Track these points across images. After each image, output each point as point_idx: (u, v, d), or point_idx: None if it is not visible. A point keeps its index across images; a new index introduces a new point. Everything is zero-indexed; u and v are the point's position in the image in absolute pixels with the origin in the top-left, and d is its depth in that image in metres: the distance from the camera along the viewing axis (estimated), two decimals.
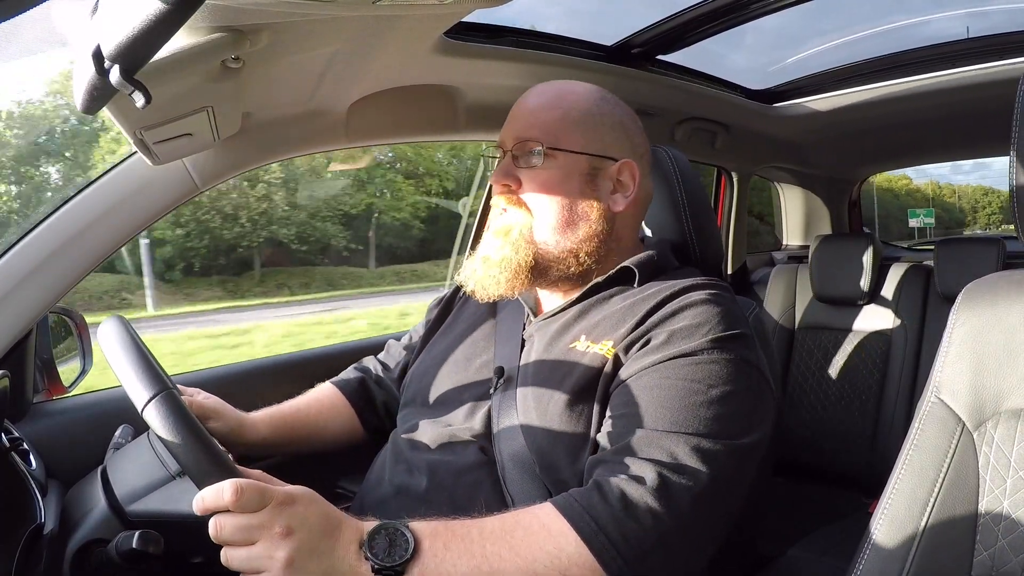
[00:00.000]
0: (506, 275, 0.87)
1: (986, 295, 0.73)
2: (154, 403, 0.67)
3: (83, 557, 0.75)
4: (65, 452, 1.01)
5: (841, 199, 2.49)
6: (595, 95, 0.91)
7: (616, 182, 0.89)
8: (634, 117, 0.94)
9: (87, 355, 1.15)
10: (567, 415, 0.78)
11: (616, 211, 0.89)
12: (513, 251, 0.87)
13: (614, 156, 0.89)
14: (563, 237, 0.87)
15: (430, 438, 0.87)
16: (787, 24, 1.51)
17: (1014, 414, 0.68)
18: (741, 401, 0.75)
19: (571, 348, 0.83)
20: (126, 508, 0.76)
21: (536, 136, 0.87)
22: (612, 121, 0.90)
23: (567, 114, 0.88)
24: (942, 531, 0.68)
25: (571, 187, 0.87)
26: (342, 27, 0.83)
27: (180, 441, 0.66)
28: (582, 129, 0.88)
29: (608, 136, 0.89)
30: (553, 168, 0.87)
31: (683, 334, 0.77)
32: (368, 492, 0.91)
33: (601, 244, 0.88)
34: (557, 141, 0.87)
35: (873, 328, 1.82)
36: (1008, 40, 1.45)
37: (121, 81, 0.50)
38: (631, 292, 0.87)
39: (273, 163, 1.16)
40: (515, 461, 0.80)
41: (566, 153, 0.87)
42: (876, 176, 3.13)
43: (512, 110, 0.92)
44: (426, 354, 1.02)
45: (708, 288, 0.83)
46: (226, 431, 0.94)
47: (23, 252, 0.93)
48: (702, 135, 1.78)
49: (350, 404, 1.09)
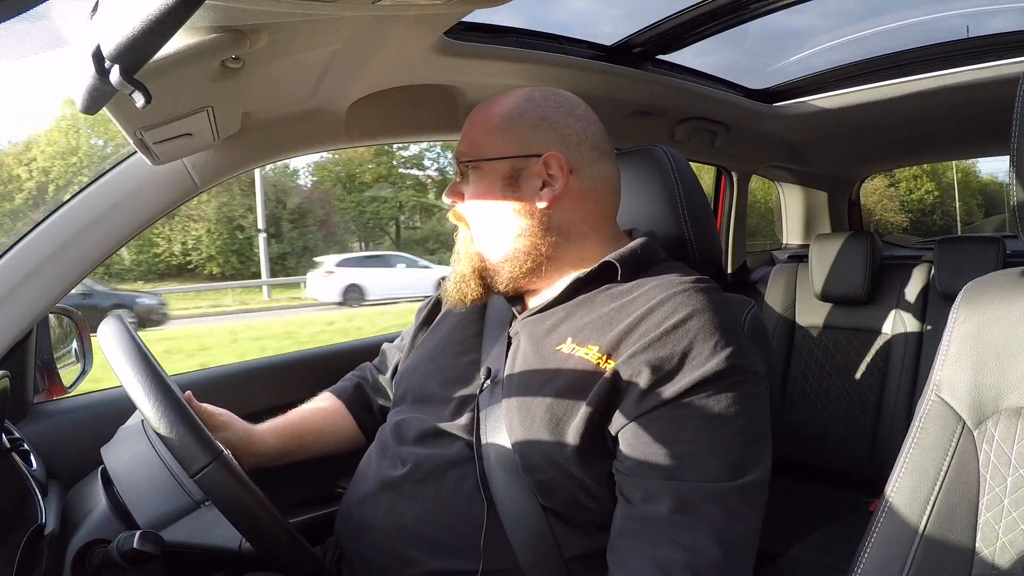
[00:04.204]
0: (459, 286, 0.92)
1: (986, 294, 0.73)
2: (211, 469, 0.72)
3: (84, 557, 0.76)
4: (65, 452, 1.01)
5: (841, 198, 2.50)
6: (519, 98, 0.90)
7: (547, 176, 0.87)
8: (568, 109, 0.90)
9: (87, 355, 1.15)
10: (549, 417, 0.78)
11: (545, 206, 0.87)
12: (464, 264, 0.92)
13: (537, 152, 0.86)
14: (498, 243, 0.89)
15: (416, 433, 0.88)
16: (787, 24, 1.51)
17: (1015, 412, 0.68)
18: (759, 420, 0.77)
19: (557, 350, 0.82)
20: (159, 533, 0.77)
21: (465, 152, 0.90)
22: (533, 118, 0.88)
23: (487, 123, 0.89)
24: (943, 530, 0.68)
25: (495, 194, 0.88)
26: (342, 27, 0.83)
27: (239, 507, 0.72)
28: (501, 134, 0.88)
29: (528, 134, 0.87)
30: (478, 179, 0.89)
31: (682, 361, 0.75)
32: (354, 487, 0.92)
33: (539, 241, 0.87)
34: (480, 152, 0.89)
35: (873, 327, 1.82)
36: (1008, 40, 1.45)
37: (121, 81, 0.50)
38: (616, 291, 0.85)
39: (273, 163, 1.16)
40: (499, 459, 0.80)
41: (488, 162, 0.88)
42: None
43: None
44: (416, 352, 1.02)
45: (695, 291, 0.81)
46: (235, 441, 0.95)
47: (23, 252, 0.93)
48: (702, 135, 1.78)
49: (348, 410, 1.11)
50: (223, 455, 0.73)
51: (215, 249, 17.94)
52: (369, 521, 0.85)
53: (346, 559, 0.89)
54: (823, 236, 1.97)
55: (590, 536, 0.78)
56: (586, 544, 0.79)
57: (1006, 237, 1.88)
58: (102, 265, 0.98)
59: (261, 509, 0.74)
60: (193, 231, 17.86)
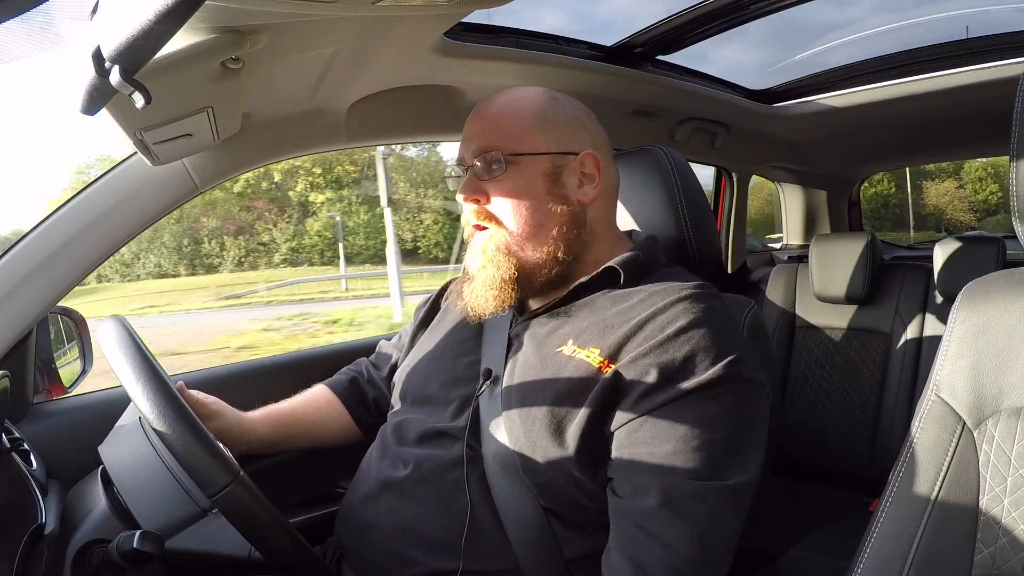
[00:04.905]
0: (493, 292, 0.86)
1: (986, 294, 0.73)
2: (230, 490, 0.72)
3: (84, 557, 0.76)
4: (65, 452, 1.01)
5: (841, 199, 2.50)
6: (545, 95, 0.91)
7: (581, 175, 0.89)
8: (588, 112, 0.93)
9: (87, 355, 1.15)
10: (550, 419, 0.78)
11: (586, 202, 0.89)
12: (495, 267, 0.87)
13: (574, 150, 0.89)
14: (538, 241, 0.87)
15: (417, 433, 0.88)
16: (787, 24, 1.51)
17: (1014, 412, 0.68)
18: (751, 427, 0.77)
19: (558, 352, 0.82)
20: (164, 543, 0.76)
21: (497, 145, 0.87)
22: (566, 117, 0.90)
23: (523, 118, 0.88)
24: (942, 530, 0.68)
25: (537, 190, 0.87)
26: (342, 27, 0.83)
27: (259, 528, 0.73)
28: (539, 130, 0.88)
29: (564, 132, 0.89)
30: (518, 175, 0.87)
31: (683, 367, 0.75)
32: (356, 487, 0.92)
33: (576, 240, 0.88)
34: (517, 146, 0.87)
35: (873, 327, 1.82)
36: (1008, 40, 1.45)
37: (121, 81, 0.50)
38: (618, 294, 0.86)
39: (273, 163, 1.16)
40: (499, 460, 0.81)
41: (528, 156, 0.87)
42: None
43: (465, 127, 0.91)
44: (414, 353, 1.02)
45: (696, 299, 0.82)
46: (226, 430, 0.95)
47: (23, 252, 0.93)
48: (702, 135, 1.78)
49: (342, 403, 1.10)
50: (240, 476, 0.73)
51: (441, 236, 21.06)
52: (370, 521, 0.86)
53: (346, 559, 0.89)
54: (823, 236, 1.97)
55: (590, 537, 0.78)
56: (587, 545, 0.79)
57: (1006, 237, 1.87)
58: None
59: (276, 525, 0.75)
60: (422, 221, 20.94)
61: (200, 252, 16.45)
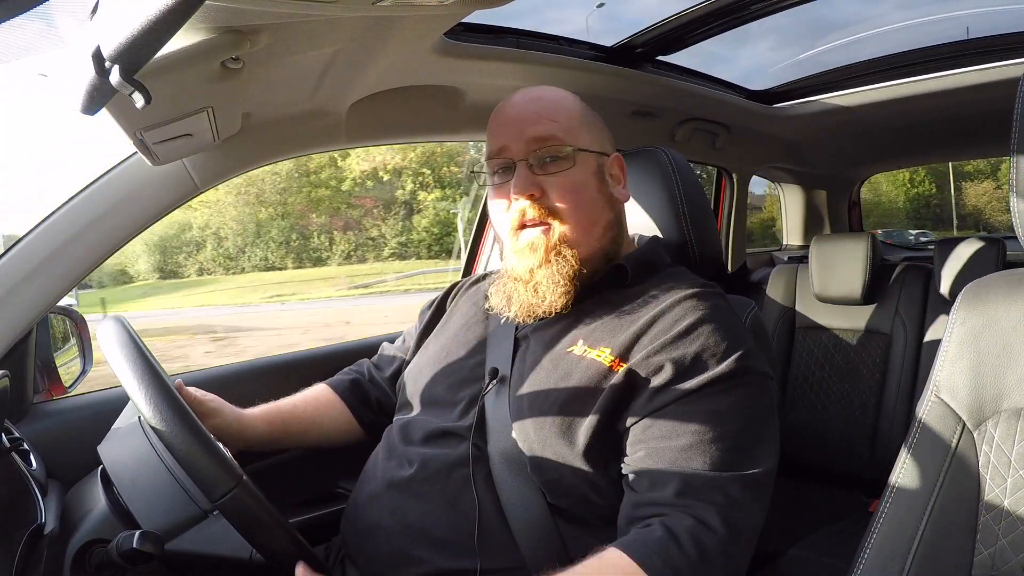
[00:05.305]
0: (563, 288, 0.84)
1: (986, 295, 0.73)
2: (233, 495, 0.72)
3: (83, 557, 0.75)
4: (65, 452, 1.01)
5: (841, 199, 2.49)
6: (573, 97, 0.94)
7: (611, 175, 0.93)
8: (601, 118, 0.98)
9: (87, 355, 1.15)
10: (562, 418, 0.78)
11: (623, 202, 0.93)
12: (563, 262, 0.85)
13: (608, 151, 0.93)
14: (592, 237, 0.88)
15: (423, 433, 0.88)
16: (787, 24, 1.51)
17: (1014, 413, 0.68)
18: (766, 419, 0.78)
19: (568, 352, 0.83)
20: (164, 544, 0.76)
21: (561, 138, 0.86)
22: (597, 120, 0.94)
23: (574, 114, 0.90)
24: (942, 530, 0.68)
25: (592, 186, 0.89)
26: (342, 27, 0.83)
27: (262, 532, 0.74)
28: (587, 128, 0.90)
29: (601, 133, 0.93)
30: (577, 170, 0.87)
31: (694, 363, 0.77)
32: (361, 488, 0.92)
33: (617, 237, 0.92)
34: (578, 140, 0.88)
35: (873, 328, 1.82)
36: (1008, 40, 1.45)
37: (121, 81, 0.50)
38: (624, 294, 0.87)
39: (273, 163, 1.16)
40: (506, 459, 0.81)
41: (585, 152, 0.88)
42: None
43: (507, 118, 0.89)
44: (420, 355, 1.02)
45: (702, 297, 0.84)
46: (224, 427, 0.95)
47: (23, 252, 0.93)
48: (703, 136, 1.78)
49: (343, 401, 1.10)
50: (243, 480, 0.73)
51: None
52: (376, 520, 0.85)
53: (351, 559, 0.89)
54: (823, 237, 1.97)
55: (596, 532, 0.79)
56: (592, 541, 0.79)
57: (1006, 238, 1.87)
58: None
59: (279, 529, 0.75)
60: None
61: (308, 247, 16.62)
